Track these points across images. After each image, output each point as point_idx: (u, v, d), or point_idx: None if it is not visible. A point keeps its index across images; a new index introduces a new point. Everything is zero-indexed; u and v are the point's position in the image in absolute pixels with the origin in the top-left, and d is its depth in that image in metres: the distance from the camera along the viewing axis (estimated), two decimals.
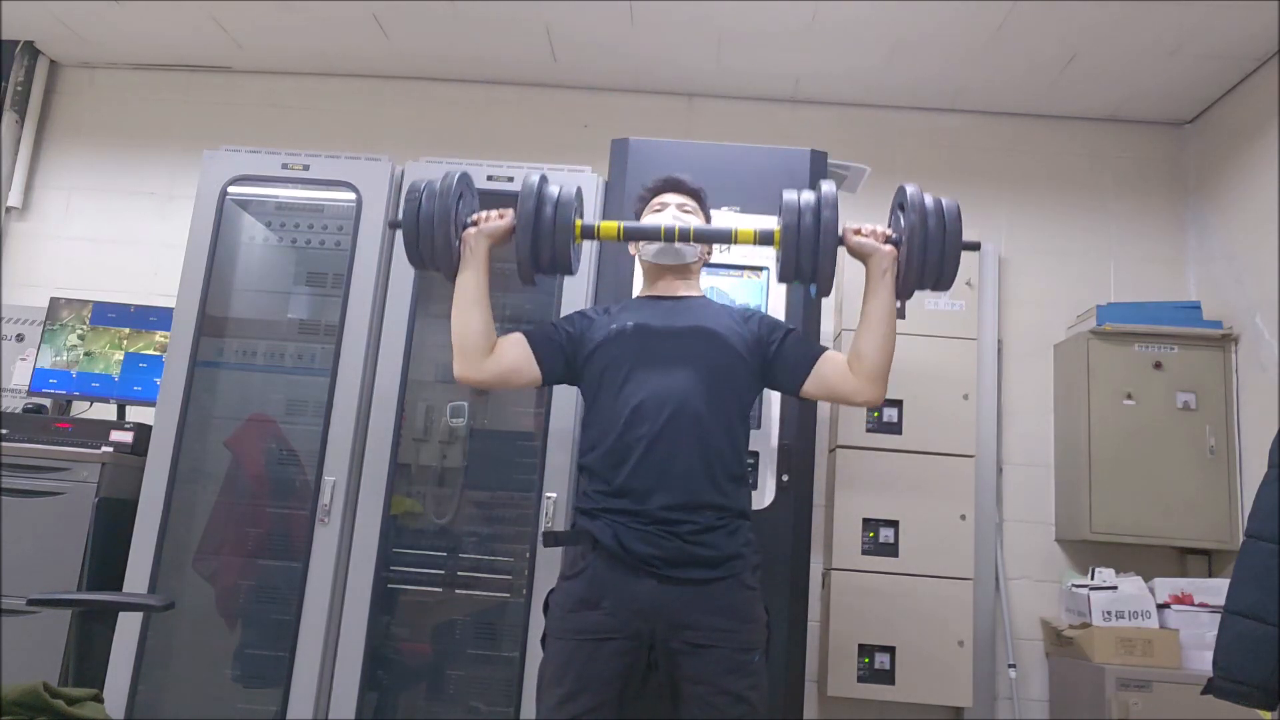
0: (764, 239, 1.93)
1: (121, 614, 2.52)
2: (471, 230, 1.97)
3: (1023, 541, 3.33)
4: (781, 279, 1.96)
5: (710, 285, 2.47)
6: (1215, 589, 2.87)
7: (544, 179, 1.98)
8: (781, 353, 1.97)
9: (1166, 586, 2.95)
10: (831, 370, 1.94)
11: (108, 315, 3.21)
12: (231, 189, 2.83)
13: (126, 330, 3.19)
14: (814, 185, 1.93)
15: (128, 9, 3.40)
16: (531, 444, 2.68)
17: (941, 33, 3.17)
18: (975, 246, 1.95)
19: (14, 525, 2.69)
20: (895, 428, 3.08)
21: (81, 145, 3.78)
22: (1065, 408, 3.34)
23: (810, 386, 1.95)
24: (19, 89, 3.69)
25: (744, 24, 3.21)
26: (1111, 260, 3.54)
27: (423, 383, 2.81)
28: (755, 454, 2.38)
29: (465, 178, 2.02)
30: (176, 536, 2.68)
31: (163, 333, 3.12)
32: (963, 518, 3.03)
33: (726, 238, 1.96)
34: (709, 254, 2.14)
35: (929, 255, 1.86)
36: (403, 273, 2.75)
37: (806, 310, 2.51)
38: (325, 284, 2.89)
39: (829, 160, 2.68)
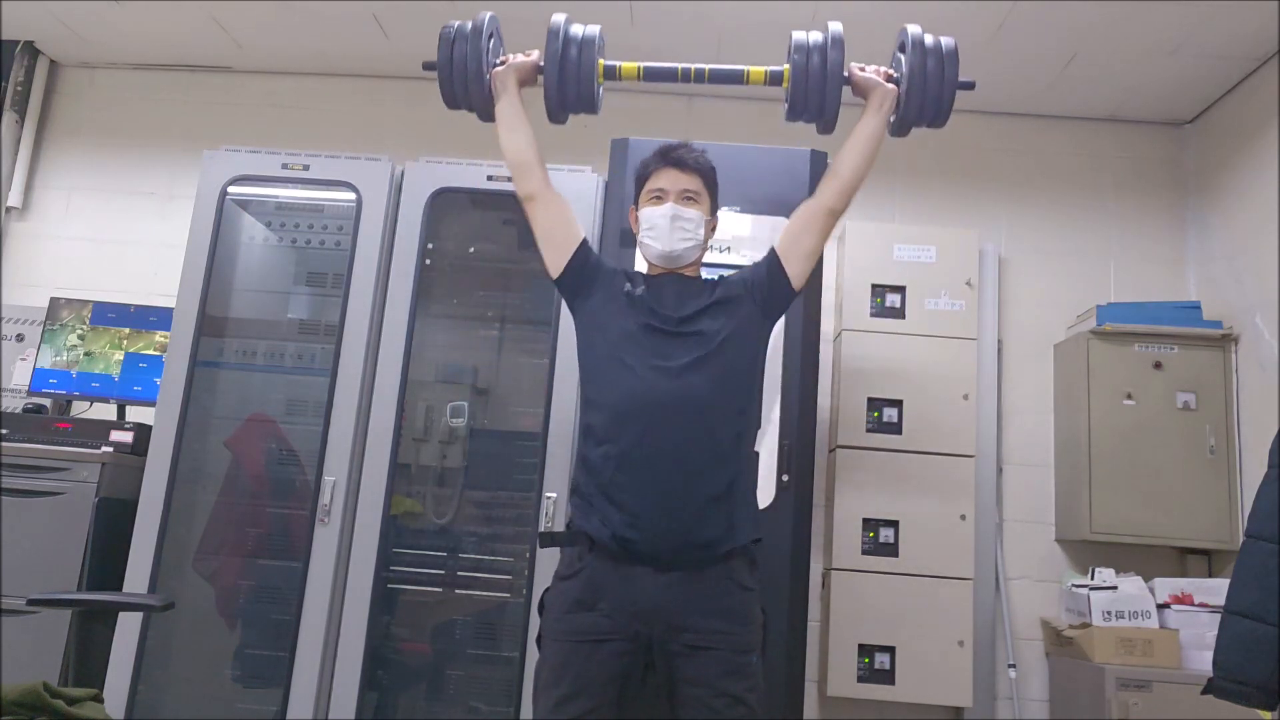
0: (774, 79, 2.06)
1: (121, 614, 2.52)
2: (500, 68, 2.08)
3: (1023, 541, 3.33)
4: (789, 117, 2.08)
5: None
6: (1215, 589, 2.87)
7: (569, 19, 2.09)
8: (767, 274, 1.99)
9: (1166, 586, 2.95)
10: (795, 224, 2.02)
11: (108, 315, 3.21)
12: (231, 189, 2.83)
13: (126, 330, 3.19)
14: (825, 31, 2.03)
15: (128, 9, 3.40)
16: (531, 444, 2.68)
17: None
18: (970, 85, 2.06)
19: (14, 525, 2.69)
20: (895, 428, 3.08)
21: (81, 145, 3.78)
22: (1065, 408, 3.34)
23: (794, 269, 1.99)
24: (19, 89, 3.69)
25: (744, 24, 3.21)
26: (1111, 260, 3.54)
27: (423, 383, 2.81)
28: (755, 454, 2.38)
29: (494, 20, 2.14)
30: (176, 536, 2.68)
31: (163, 333, 3.12)
32: (963, 518, 3.03)
33: (739, 78, 2.12)
34: (713, 230, 2.08)
35: (928, 92, 2.01)
36: (403, 273, 2.75)
37: (806, 311, 2.51)
38: (325, 284, 2.90)
39: (829, 160, 2.67)
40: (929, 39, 2.02)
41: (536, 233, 2.05)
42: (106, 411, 3.16)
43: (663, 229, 1.97)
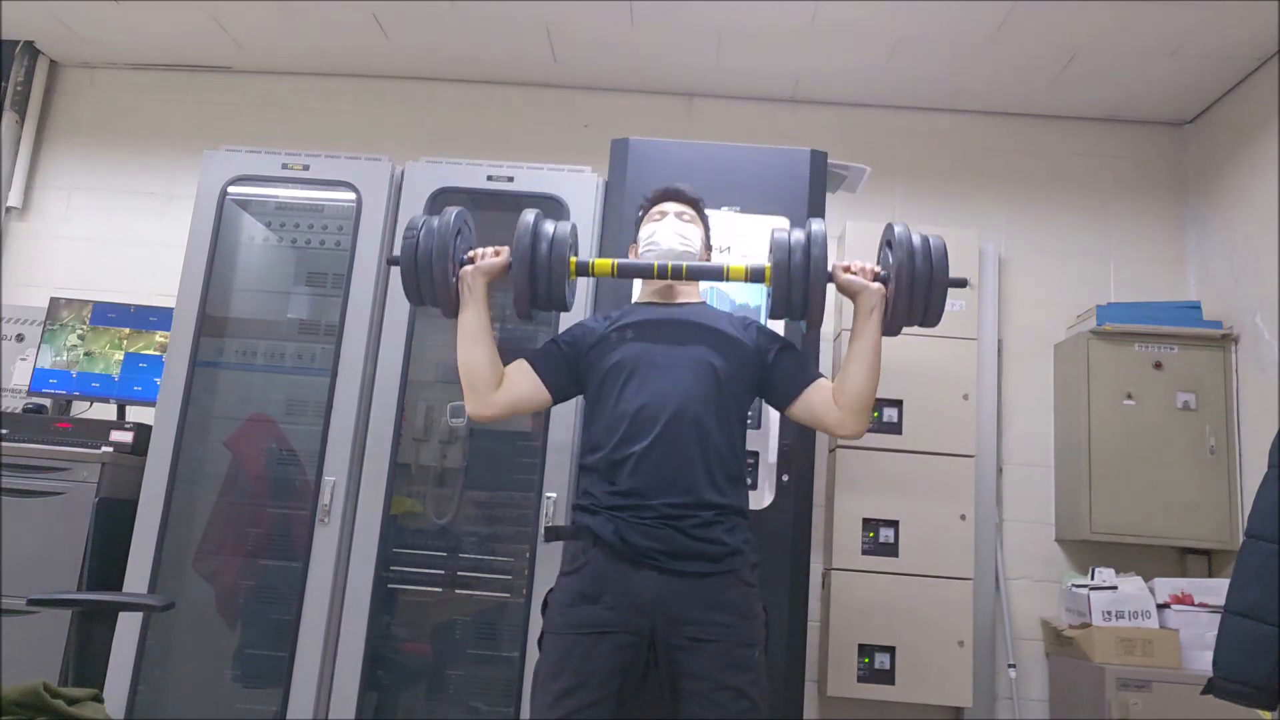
0: (755, 276, 1.98)
1: (121, 614, 2.52)
2: (468, 269, 2.00)
3: (1023, 541, 3.33)
4: (772, 315, 2.00)
5: (710, 286, 2.47)
6: (1215, 589, 2.87)
7: (539, 216, 2.00)
8: (778, 366, 1.99)
9: (1166, 586, 2.95)
10: (819, 399, 1.96)
11: (108, 315, 3.21)
12: (231, 189, 2.83)
13: (126, 330, 3.19)
14: (812, 199, 1.96)
15: (128, 9, 3.40)
16: (531, 444, 2.68)
17: (941, 33, 3.17)
18: (962, 283, 1.99)
19: (14, 525, 2.69)
20: (895, 428, 3.08)
21: (81, 145, 3.78)
22: (1065, 408, 3.34)
23: (797, 409, 1.98)
24: (19, 89, 3.69)
25: (744, 24, 3.21)
26: (1111, 260, 3.54)
27: (423, 383, 2.81)
28: (755, 454, 2.38)
29: (463, 214, 2.05)
30: (176, 536, 2.68)
31: (163, 333, 3.12)
32: (963, 518, 3.03)
33: (719, 275, 2.02)
34: (708, 258, 2.16)
35: (915, 293, 1.91)
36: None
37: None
38: (325, 284, 2.90)
39: (829, 160, 2.68)
40: (916, 239, 1.92)
41: (511, 415, 2.02)
42: (106, 411, 3.16)
43: (663, 236, 2.05)
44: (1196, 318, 3.22)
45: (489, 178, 2.77)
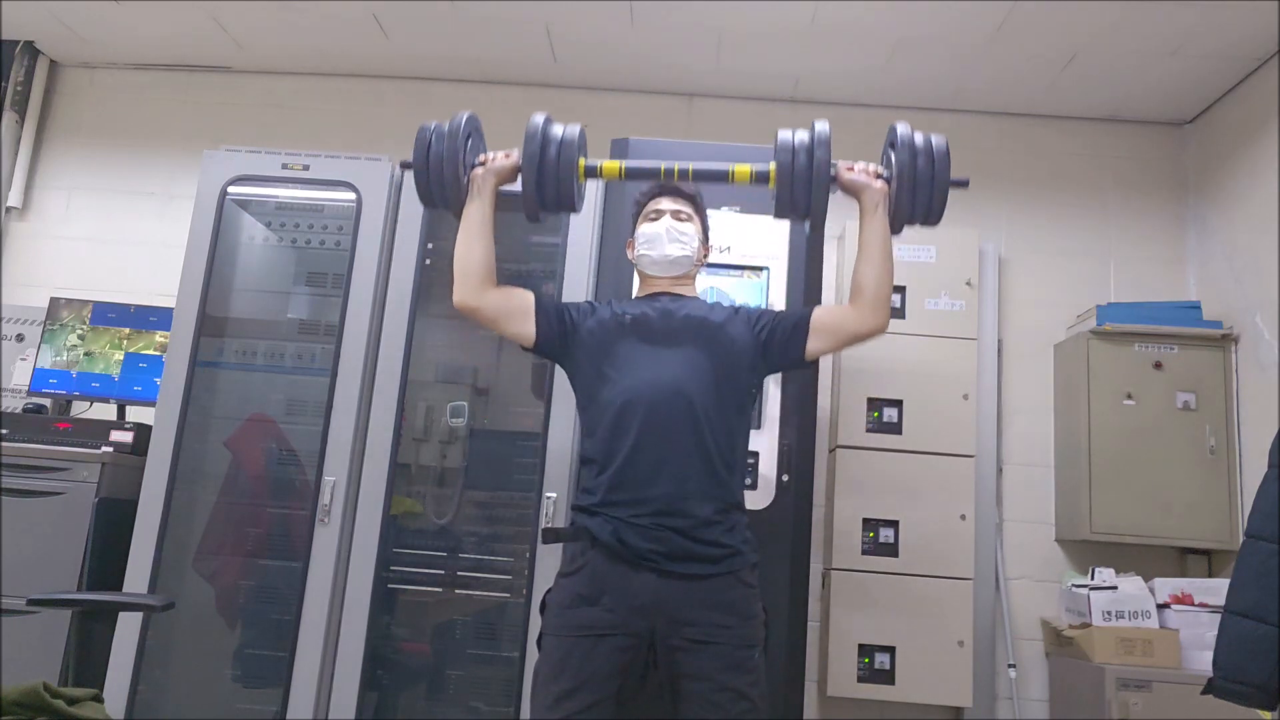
0: (760, 177, 2.00)
1: (121, 614, 2.52)
2: (479, 170, 2.03)
3: (1023, 541, 3.33)
4: (777, 215, 2.03)
5: (710, 285, 2.47)
6: (1215, 589, 2.87)
7: (548, 119, 2.02)
8: (773, 331, 1.99)
9: (1166, 586, 2.95)
10: (831, 318, 1.99)
11: (108, 315, 3.21)
12: (231, 189, 2.83)
13: (126, 330, 3.19)
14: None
15: (128, 9, 3.40)
16: (531, 444, 2.68)
17: (941, 33, 3.17)
18: (964, 184, 1.99)
19: (14, 525, 2.69)
20: (895, 428, 3.08)
21: (81, 145, 3.78)
22: (1065, 408, 3.34)
23: (814, 344, 1.98)
24: (19, 89, 3.69)
25: (744, 24, 3.21)
26: (1111, 260, 3.54)
27: (423, 383, 2.81)
28: (755, 454, 2.38)
29: (473, 119, 2.08)
30: (176, 536, 2.68)
31: (163, 333, 3.12)
32: (963, 518, 3.03)
33: (723, 176, 2.04)
34: (706, 257, 2.15)
35: (918, 192, 1.94)
36: (403, 272, 2.75)
37: (808, 307, 2.51)
38: (325, 284, 2.90)
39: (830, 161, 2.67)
40: (919, 138, 1.95)
41: (491, 328, 2.03)
42: (106, 411, 3.16)
43: (659, 239, 2.03)
44: (1196, 318, 3.22)
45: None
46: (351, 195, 2.79)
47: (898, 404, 3.09)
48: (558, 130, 2.01)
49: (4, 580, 2.63)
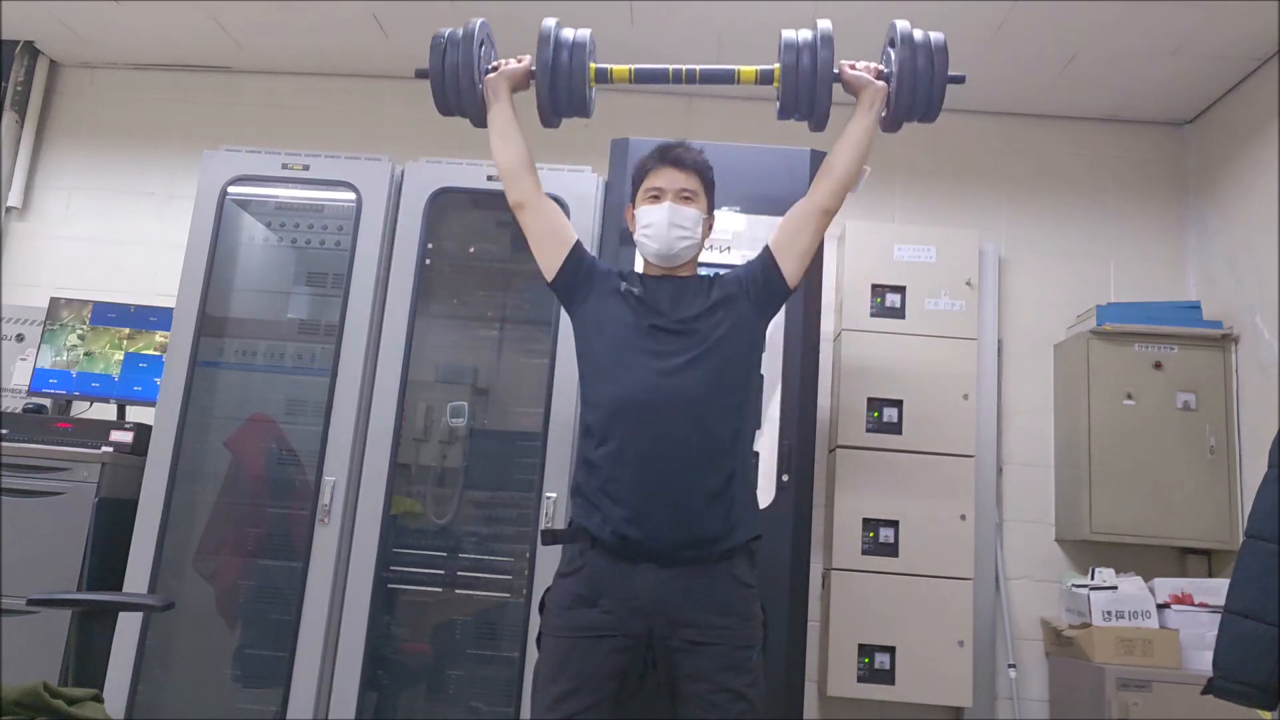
0: (764, 77, 2.06)
1: (121, 614, 2.52)
2: (492, 76, 2.08)
3: (1023, 541, 3.33)
4: (781, 115, 2.08)
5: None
6: (1215, 589, 2.87)
7: (559, 24, 2.08)
8: (754, 280, 1.99)
9: (1166, 586, 2.95)
10: (790, 223, 2.02)
11: (108, 315, 3.21)
12: (231, 189, 2.83)
13: (126, 330, 3.19)
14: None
15: (128, 9, 3.40)
16: (531, 444, 2.68)
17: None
18: (960, 80, 2.05)
19: (14, 525, 2.69)
20: (895, 428, 3.08)
21: (81, 145, 3.78)
22: (1065, 408, 3.34)
23: (788, 265, 1.99)
24: (19, 89, 3.69)
25: (744, 24, 3.21)
26: (1111, 260, 3.54)
27: (423, 383, 2.81)
28: (755, 454, 2.38)
29: (485, 26, 2.13)
30: (176, 536, 2.68)
31: (163, 333, 3.12)
32: (963, 518, 3.03)
33: (729, 77, 2.10)
34: (710, 229, 2.08)
35: (918, 88, 2.00)
36: (403, 272, 2.75)
37: (806, 311, 2.51)
38: (325, 284, 2.90)
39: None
40: (918, 34, 2.02)
41: (530, 238, 2.07)
42: (106, 411, 3.16)
43: (660, 228, 1.98)
44: (1196, 318, 3.22)
45: (489, 178, 2.77)
46: (351, 195, 2.79)
47: (898, 404, 3.09)
48: (569, 34, 2.07)
49: (4, 580, 2.63)
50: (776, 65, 2.03)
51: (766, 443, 2.42)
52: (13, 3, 3.41)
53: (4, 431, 2.89)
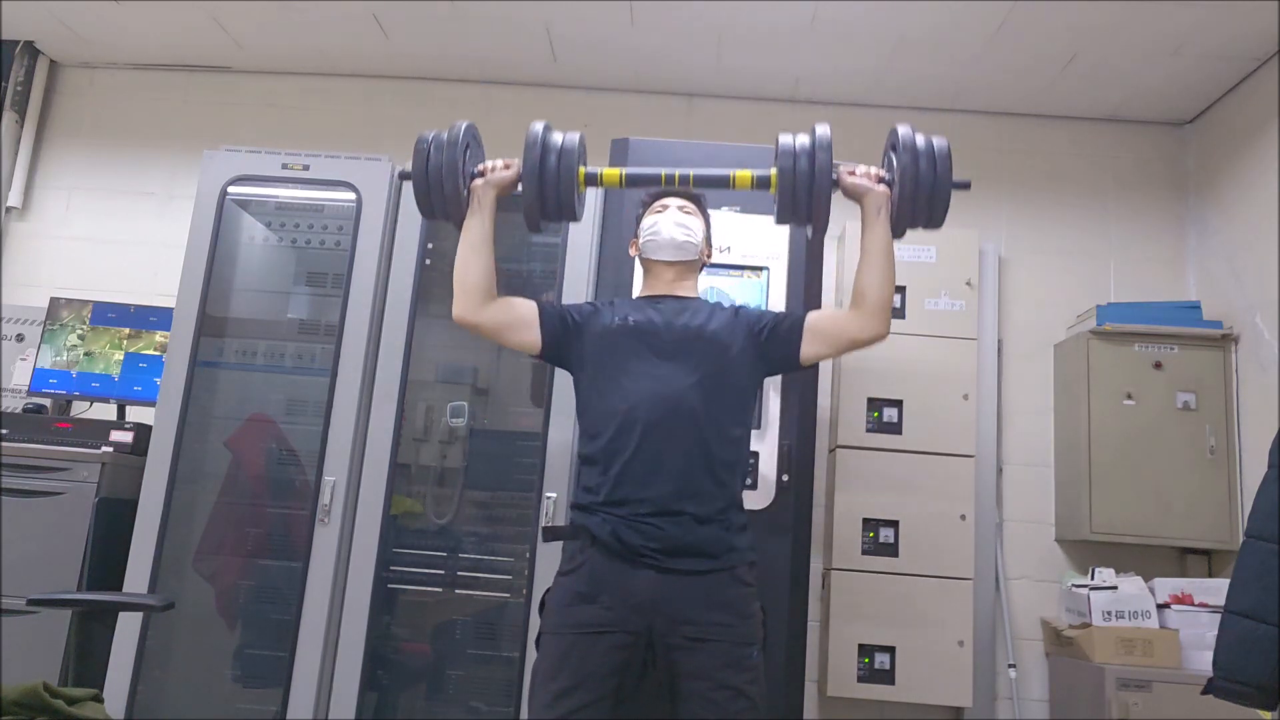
0: (761, 182, 1.98)
1: (121, 614, 2.52)
2: (479, 182, 2.01)
3: (1023, 541, 3.33)
4: (779, 221, 2.02)
5: (710, 285, 2.47)
6: (1215, 589, 2.87)
7: (548, 127, 2.01)
8: (773, 333, 1.99)
9: (1166, 586, 2.95)
10: (826, 322, 1.98)
11: (108, 315, 3.21)
12: (231, 189, 2.83)
13: (126, 330, 3.19)
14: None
15: (128, 9, 3.40)
16: (531, 444, 2.68)
17: (941, 33, 3.17)
18: (966, 185, 1.97)
19: (14, 525, 2.69)
20: (895, 428, 3.08)
21: (81, 145, 3.78)
22: (1065, 408, 3.34)
23: (810, 348, 1.97)
24: (19, 89, 3.69)
25: (744, 24, 3.21)
26: (1111, 260, 3.54)
27: (423, 383, 2.81)
28: (755, 454, 2.38)
29: (471, 129, 2.06)
30: (176, 536, 2.68)
31: (163, 333, 3.12)
32: (963, 518, 3.03)
33: (725, 181, 2.02)
34: (708, 256, 2.16)
35: (919, 195, 1.91)
36: (403, 272, 2.75)
37: (807, 310, 2.51)
38: (325, 284, 2.90)
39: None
40: (920, 140, 1.93)
41: (494, 339, 2.03)
42: (106, 411, 3.16)
43: (665, 225, 2.04)
44: (1196, 318, 3.22)
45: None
46: (351, 195, 2.79)
47: (898, 404, 3.09)
48: (557, 138, 1.99)
49: (4, 580, 2.63)
50: (773, 170, 1.95)
51: (766, 443, 2.42)
52: (13, 3, 3.41)
53: (4, 431, 2.89)
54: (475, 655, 2.72)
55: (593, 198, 2.71)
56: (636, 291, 2.21)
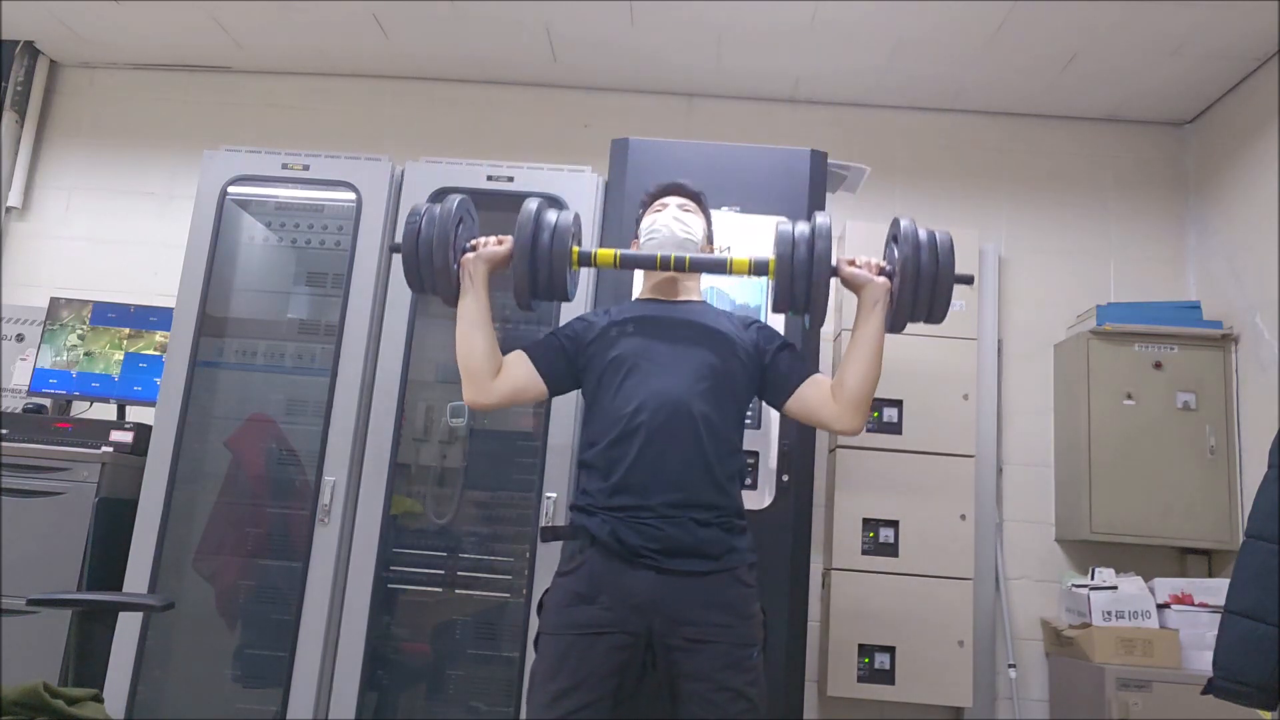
0: (759, 269, 1.95)
1: (121, 614, 2.52)
2: (470, 256, 1.97)
3: (1023, 541, 3.33)
4: (776, 309, 1.97)
5: (710, 285, 2.47)
6: (1215, 589, 2.87)
7: (542, 205, 1.97)
8: (775, 364, 1.98)
9: (1166, 586, 2.95)
10: (814, 394, 1.95)
11: (108, 315, 3.21)
12: (231, 189, 2.83)
13: (126, 330, 3.19)
14: (812, 199, 1.94)
15: (128, 9, 3.40)
16: (531, 444, 2.68)
17: (941, 33, 3.17)
18: (968, 280, 1.96)
19: (14, 525, 2.69)
20: (895, 428, 3.08)
21: (81, 145, 3.78)
22: (1065, 408, 3.34)
23: (792, 404, 1.96)
24: (19, 89, 3.69)
25: (744, 24, 3.21)
26: (1111, 260, 3.54)
27: (423, 383, 2.81)
28: (755, 454, 2.38)
29: (465, 202, 2.03)
30: (176, 536, 2.68)
31: (163, 333, 3.12)
32: (963, 518, 3.03)
33: (722, 267, 1.99)
34: (710, 250, 2.15)
35: (920, 289, 1.88)
36: (403, 272, 2.75)
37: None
38: (325, 284, 2.90)
39: (829, 160, 2.68)
40: (923, 233, 1.89)
41: (508, 405, 2.01)
42: (106, 411, 3.16)
43: (666, 223, 2.04)
44: (1196, 318, 3.22)
45: (489, 178, 2.77)
46: (351, 195, 2.79)
47: (898, 404, 3.09)
48: (551, 217, 1.96)
49: (4, 580, 2.63)
50: (771, 258, 1.92)
51: (766, 443, 2.42)
52: (13, 2, 3.41)
53: (4, 431, 2.89)
54: (475, 655, 2.72)
55: (593, 196, 2.71)
56: (636, 292, 2.21)
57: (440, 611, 2.76)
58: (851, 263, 1.95)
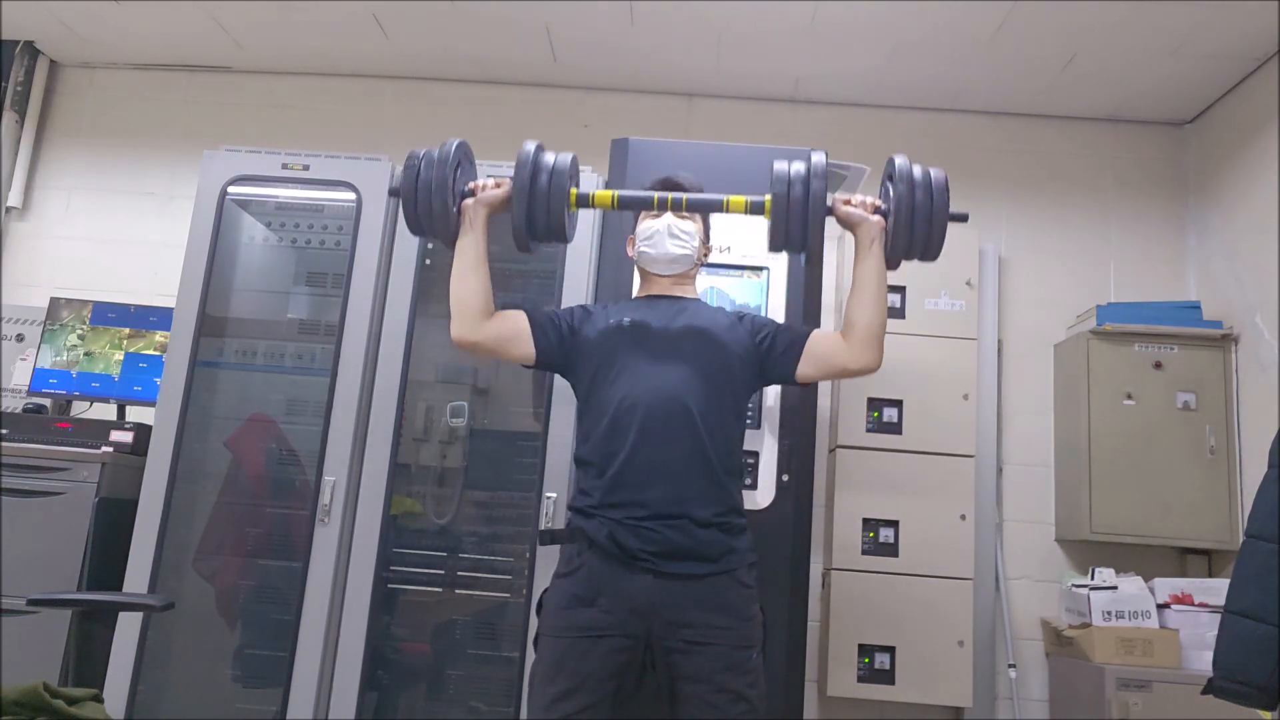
0: (755, 208, 1.96)
1: (121, 614, 2.52)
2: (470, 200, 1.99)
3: (1023, 541, 3.33)
4: (771, 248, 1.99)
5: (710, 285, 2.47)
6: (1215, 589, 2.87)
7: (540, 147, 1.99)
8: (773, 345, 1.99)
9: (1166, 586, 2.95)
10: (824, 346, 1.97)
11: (108, 315, 3.21)
12: (231, 189, 2.83)
13: (126, 330, 3.19)
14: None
15: (128, 9, 3.40)
16: (531, 444, 2.68)
17: (941, 33, 3.17)
18: (963, 218, 1.96)
19: (14, 525, 2.69)
20: (895, 428, 3.08)
21: (81, 145, 3.78)
22: (1065, 408, 3.34)
23: (805, 368, 1.97)
24: (19, 89, 3.69)
25: (744, 24, 3.21)
26: (1111, 260, 3.54)
27: (423, 383, 2.81)
28: (755, 454, 2.38)
29: (463, 146, 2.05)
30: (176, 536, 2.68)
31: (163, 333, 3.12)
32: (963, 518, 3.03)
33: (718, 206, 2.00)
34: (706, 255, 2.15)
35: (916, 226, 1.90)
36: (403, 272, 2.75)
37: (807, 311, 2.51)
38: (325, 284, 2.90)
39: (829, 160, 2.67)
40: (918, 171, 1.91)
41: (490, 356, 2.02)
42: (106, 411, 3.16)
43: (660, 236, 2.02)
44: (1196, 318, 3.22)
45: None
46: (351, 195, 2.79)
47: (898, 404, 3.09)
48: (549, 158, 1.98)
49: (4, 580, 2.63)
50: (767, 196, 1.93)
51: (766, 443, 2.42)
52: (13, 2, 3.41)
53: (4, 431, 2.89)
54: (475, 655, 2.72)
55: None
56: (635, 291, 2.21)
57: (440, 611, 2.76)
58: (847, 202, 1.97)
